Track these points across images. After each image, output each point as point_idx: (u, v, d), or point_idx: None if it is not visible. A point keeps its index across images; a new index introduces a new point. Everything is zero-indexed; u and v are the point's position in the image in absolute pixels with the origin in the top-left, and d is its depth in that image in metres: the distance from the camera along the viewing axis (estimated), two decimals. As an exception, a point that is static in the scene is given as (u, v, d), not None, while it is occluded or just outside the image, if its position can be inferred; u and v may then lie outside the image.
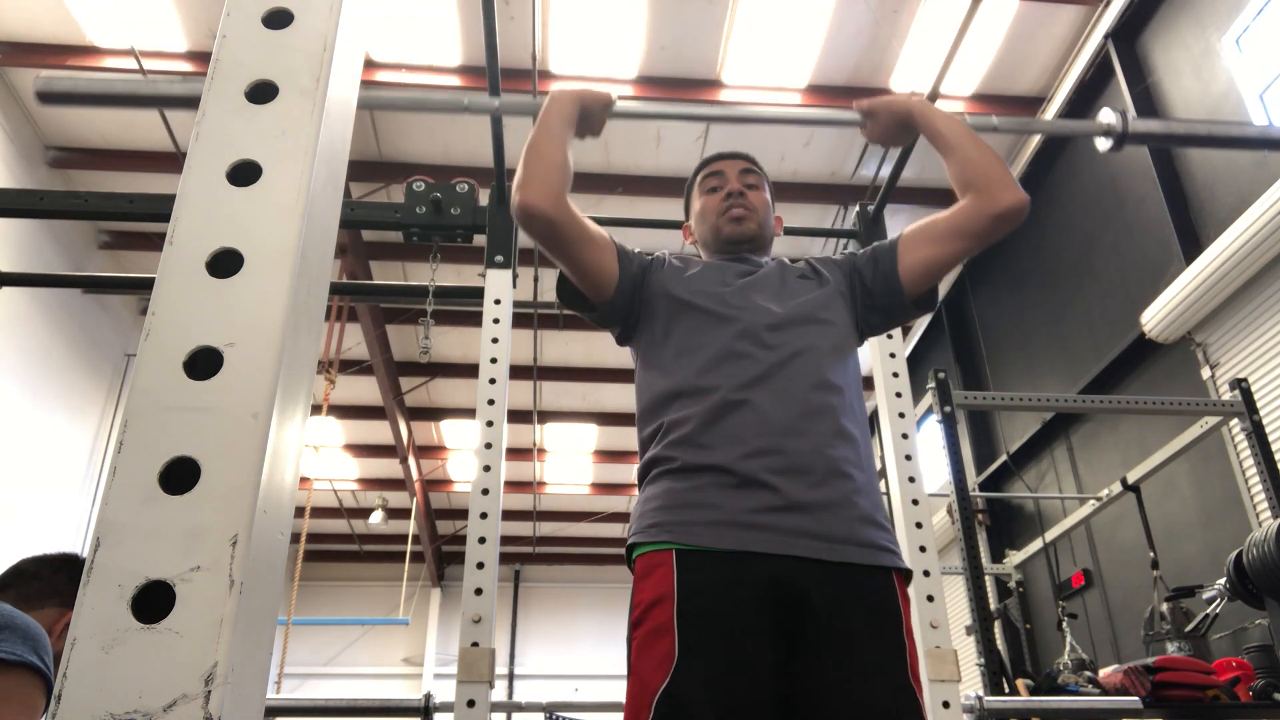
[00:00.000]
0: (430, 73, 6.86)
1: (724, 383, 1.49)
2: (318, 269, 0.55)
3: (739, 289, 1.64)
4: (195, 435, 0.46)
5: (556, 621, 14.82)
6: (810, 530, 1.35)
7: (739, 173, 1.82)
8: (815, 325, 1.59)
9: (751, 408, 1.45)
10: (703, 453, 1.43)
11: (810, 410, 1.46)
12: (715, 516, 1.37)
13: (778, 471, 1.38)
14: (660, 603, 1.31)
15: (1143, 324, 5.92)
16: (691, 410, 1.48)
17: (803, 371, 1.50)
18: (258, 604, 0.45)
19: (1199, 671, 3.15)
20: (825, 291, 1.68)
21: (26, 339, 7.53)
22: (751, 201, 1.79)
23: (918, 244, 1.67)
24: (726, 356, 1.52)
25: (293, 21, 0.58)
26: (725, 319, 1.58)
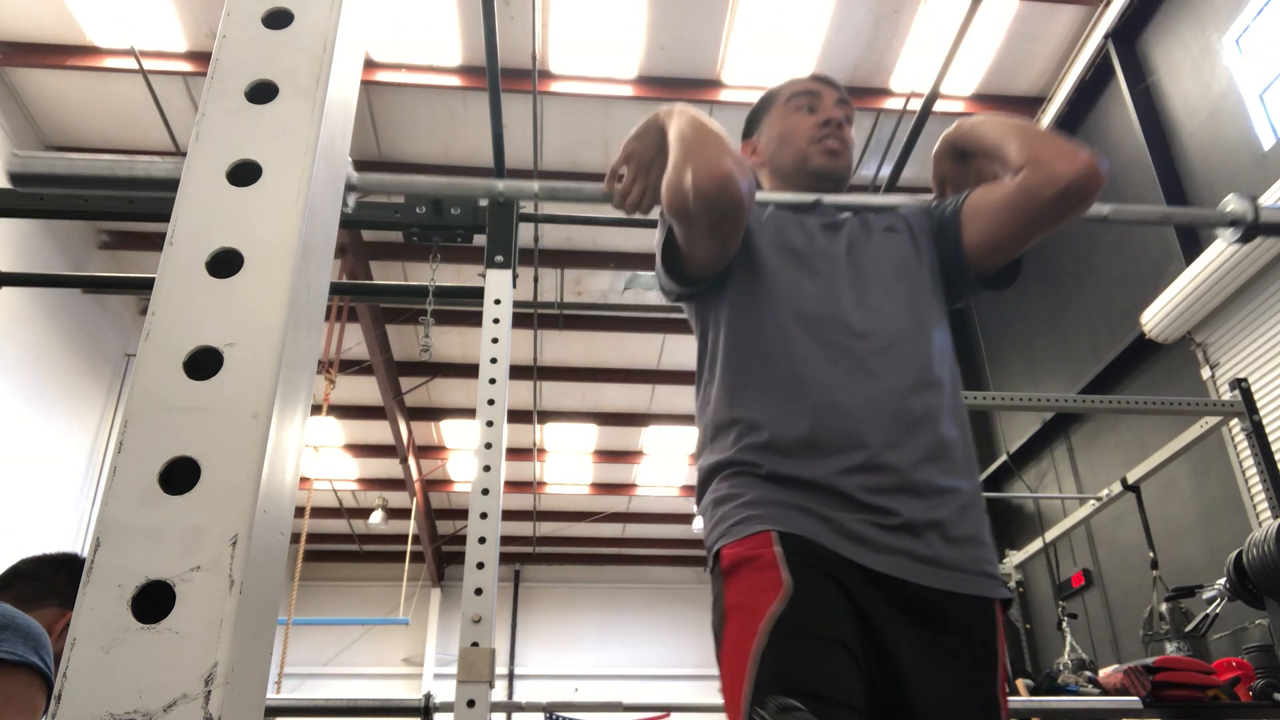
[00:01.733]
0: (430, 73, 6.87)
1: (810, 379, 1.31)
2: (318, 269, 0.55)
3: (824, 250, 1.42)
4: (195, 435, 0.46)
5: (556, 621, 14.82)
6: (916, 553, 1.21)
7: (835, 102, 1.58)
8: (911, 300, 1.39)
9: (845, 415, 1.28)
10: (790, 463, 1.27)
11: (912, 418, 1.29)
12: (814, 523, 1.22)
13: (877, 491, 1.24)
14: (759, 554, 1.19)
15: (1143, 324, 5.92)
16: (771, 410, 1.31)
17: (901, 366, 1.32)
18: (258, 604, 0.45)
19: (1199, 671, 3.15)
20: (919, 255, 1.45)
21: (26, 339, 7.54)
22: (847, 136, 1.57)
23: (977, 216, 1.42)
24: (813, 340, 1.33)
25: (293, 21, 0.58)
26: (812, 289, 1.38)
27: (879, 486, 1.24)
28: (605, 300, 9.32)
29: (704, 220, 1.29)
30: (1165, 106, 6.18)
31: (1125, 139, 6.51)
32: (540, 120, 6.84)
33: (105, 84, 6.89)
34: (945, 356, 1.39)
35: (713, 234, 1.32)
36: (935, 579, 1.22)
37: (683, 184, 1.25)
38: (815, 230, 1.46)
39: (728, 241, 1.35)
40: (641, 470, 12.74)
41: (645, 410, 11.34)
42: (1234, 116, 5.52)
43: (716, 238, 1.33)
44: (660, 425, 11.48)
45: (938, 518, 1.24)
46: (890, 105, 7.13)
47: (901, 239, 1.47)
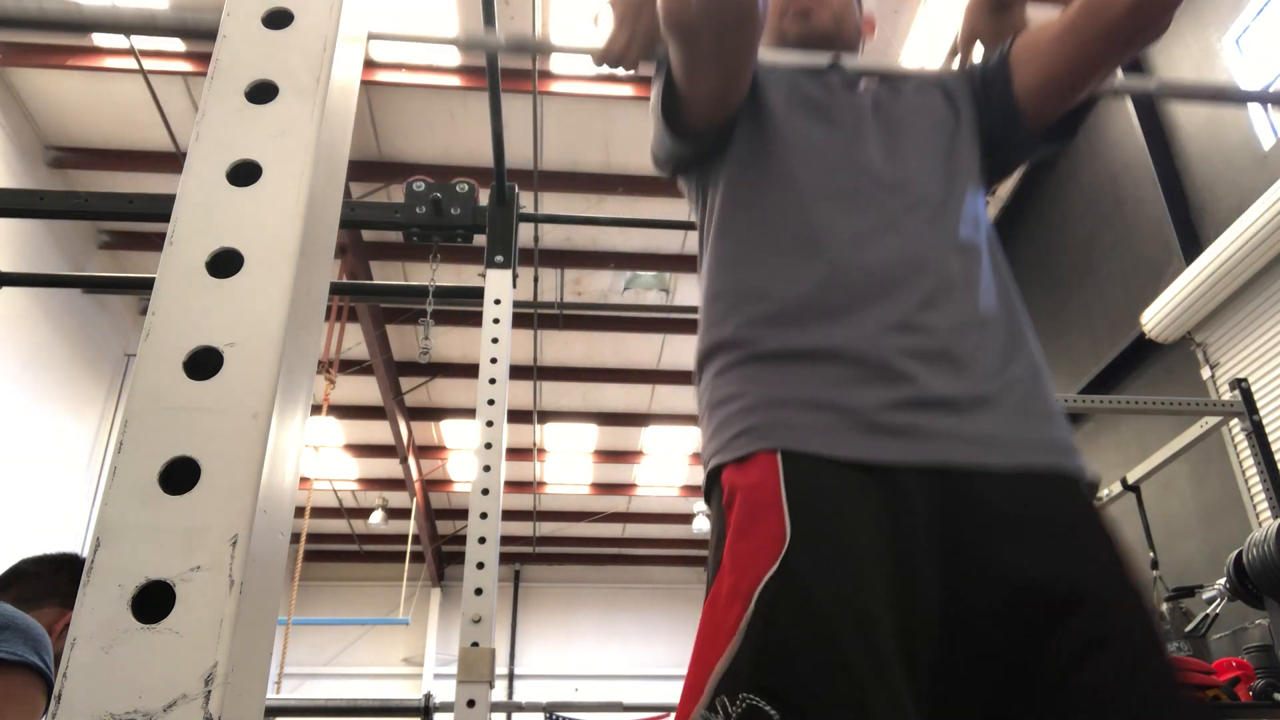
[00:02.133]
0: (430, 72, 6.87)
1: (828, 232, 1.08)
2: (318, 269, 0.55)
3: (846, 103, 1.22)
4: (195, 435, 0.46)
5: (556, 621, 14.83)
6: (968, 432, 0.96)
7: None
8: (948, 159, 1.19)
9: (869, 271, 1.04)
10: (802, 333, 1.02)
11: (950, 280, 1.05)
12: (830, 420, 0.95)
13: (918, 355, 0.98)
14: (760, 486, 0.93)
15: (1143, 324, 5.92)
16: (780, 271, 1.07)
17: (936, 225, 1.11)
18: (258, 604, 0.45)
19: (1199, 671, 3.15)
20: (956, 115, 1.24)
21: (26, 339, 7.54)
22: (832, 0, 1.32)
23: (1029, 56, 1.20)
24: (836, 195, 1.11)
25: (293, 21, 0.58)
26: (832, 138, 1.17)
27: (914, 349, 0.99)
28: (605, 300, 9.32)
29: (709, 32, 1.07)
30: (1165, 107, 6.18)
31: (1125, 139, 6.50)
32: (540, 120, 6.84)
33: (105, 84, 6.89)
34: (985, 227, 1.18)
35: (719, 55, 1.10)
36: (994, 454, 0.95)
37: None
38: (836, 85, 1.25)
39: (735, 71, 1.14)
40: (641, 470, 12.74)
41: (645, 410, 11.34)
42: (1234, 116, 5.52)
43: (722, 62, 1.11)
44: (660, 425, 11.48)
45: (985, 391, 0.99)
46: (890, 105, 7.13)
47: (935, 98, 1.26)
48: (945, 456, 0.94)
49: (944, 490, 0.93)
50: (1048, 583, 0.88)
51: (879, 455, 0.93)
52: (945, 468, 0.94)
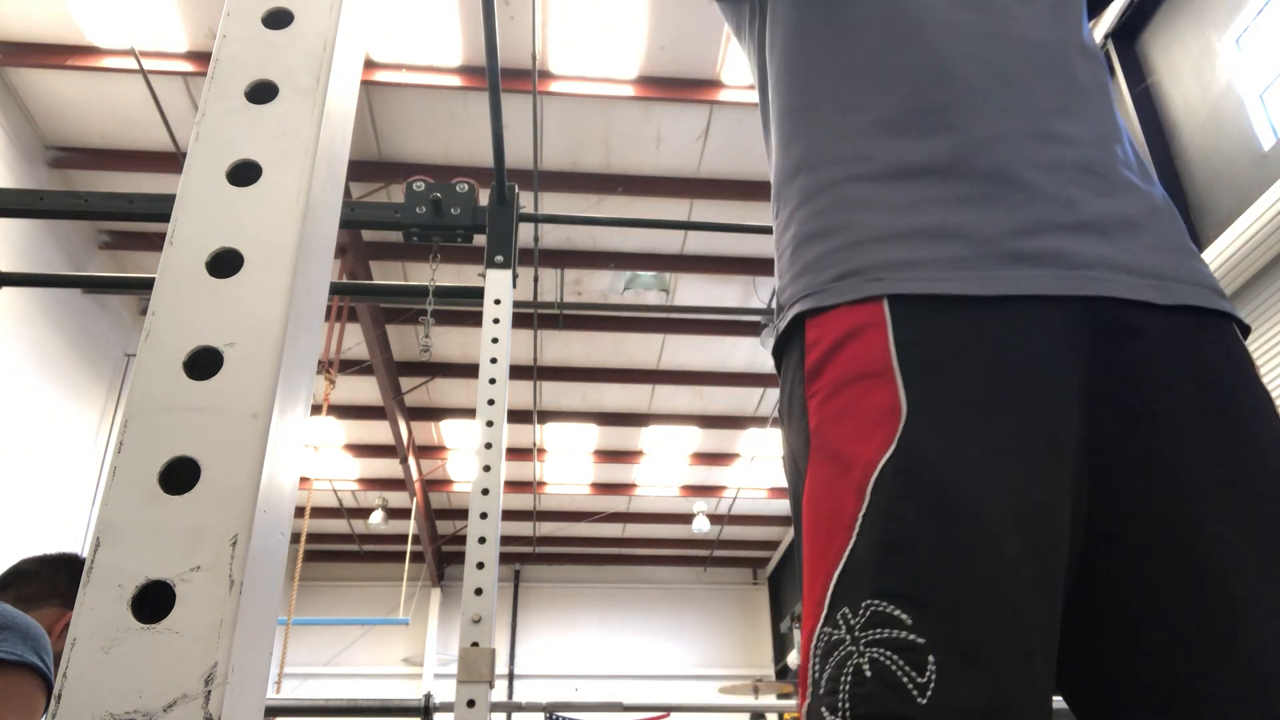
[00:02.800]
0: (430, 73, 6.87)
1: (930, 26, 0.86)
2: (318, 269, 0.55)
3: None
4: (195, 435, 0.46)
5: (556, 621, 14.83)
6: (1117, 260, 0.77)
7: None
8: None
9: (989, 67, 0.84)
10: (918, 143, 0.81)
11: (1081, 87, 0.86)
12: (956, 250, 0.76)
13: (1054, 167, 0.80)
14: (864, 350, 0.74)
15: (1143, 324, 5.93)
16: (872, 78, 0.86)
17: (1058, 23, 0.89)
18: (258, 604, 0.45)
19: (1199, 671, 3.15)
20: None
21: (27, 339, 7.54)
22: None
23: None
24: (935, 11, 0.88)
25: (293, 21, 0.58)
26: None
27: (1053, 161, 0.80)
28: (605, 300, 9.32)
29: None
30: (1165, 106, 6.18)
31: (1125, 139, 6.51)
32: (540, 120, 6.84)
33: (105, 84, 6.89)
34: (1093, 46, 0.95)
35: None
36: (1154, 292, 0.77)
37: None
38: None
39: None
40: (641, 470, 12.74)
41: (645, 410, 11.34)
42: (1234, 116, 5.52)
43: None
44: (660, 425, 11.48)
45: (1132, 214, 0.81)
46: (890, 105, 7.13)
47: None
48: (1107, 290, 0.76)
49: (1104, 332, 0.76)
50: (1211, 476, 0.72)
51: (1020, 288, 0.74)
52: (1105, 301, 0.76)
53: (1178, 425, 0.73)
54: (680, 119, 7.36)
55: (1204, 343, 0.78)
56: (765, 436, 11.51)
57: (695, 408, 11.31)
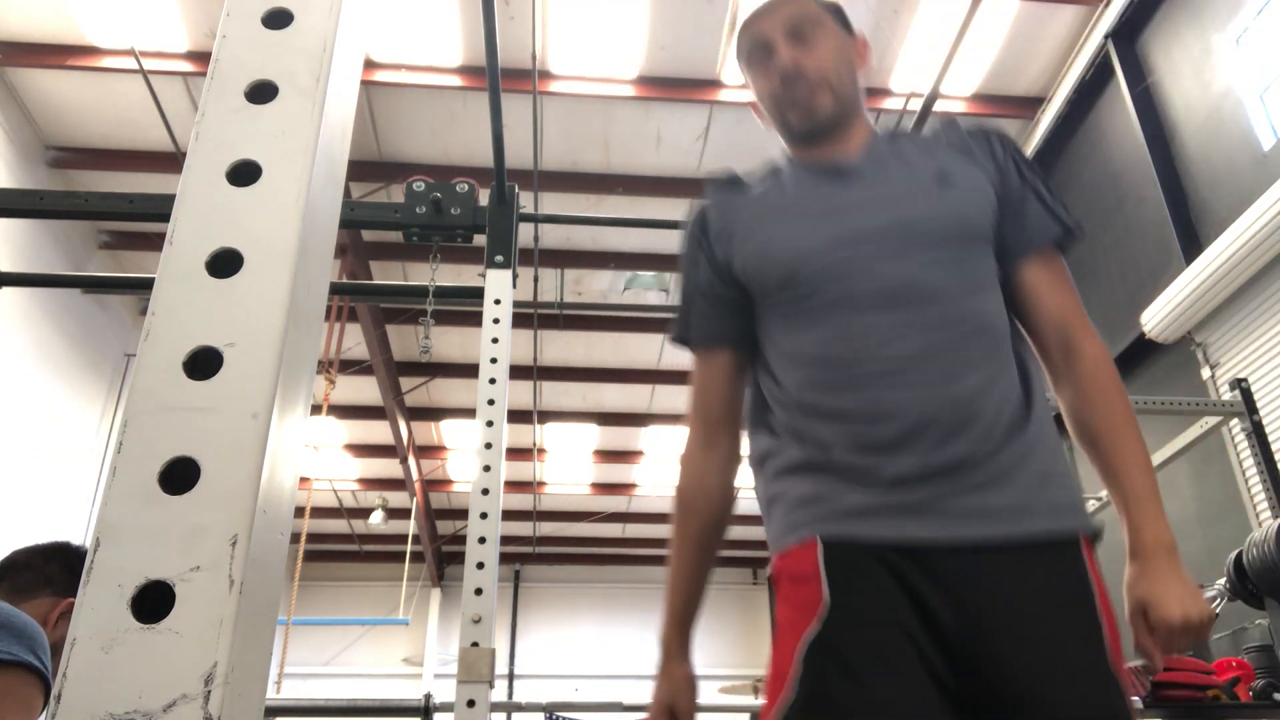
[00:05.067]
0: (430, 73, 6.87)
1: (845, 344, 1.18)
2: (318, 269, 0.55)
3: (826, 212, 1.24)
4: (195, 435, 0.46)
5: (556, 621, 14.83)
6: (969, 506, 1.07)
7: (785, 34, 1.32)
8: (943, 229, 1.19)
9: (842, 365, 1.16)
10: (817, 445, 1.15)
11: (930, 347, 1.13)
12: (845, 509, 1.11)
13: (907, 445, 1.11)
14: (803, 567, 1.10)
15: (1143, 324, 5.92)
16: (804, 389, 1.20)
17: (929, 315, 1.15)
18: (258, 604, 0.45)
19: (1199, 671, 3.15)
20: (970, 170, 1.25)
21: (27, 339, 7.54)
22: (811, 69, 1.30)
23: (1022, 281, 1.26)
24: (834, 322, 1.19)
25: (293, 21, 0.58)
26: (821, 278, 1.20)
27: (854, 447, 1.12)
28: (605, 300, 9.32)
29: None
30: (1165, 106, 6.18)
31: (1125, 139, 6.50)
32: (540, 120, 6.84)
33: (105, 84, 6.89)
34: (990, 294, 1.28)
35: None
36: (994, 526, 1.05)
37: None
38: (822, 183, 1.37)
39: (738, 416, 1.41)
40: (641, 470, 12.74)
41: (645, 410, 11.34)
42: (1234, 116, 5.52)
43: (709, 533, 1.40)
44: (660, 425, 11.48)
45: (983, 470, 1.08)
46: (890, 105, 7.13)
47: (946, 156, 1.36)
48: (914, 534, 1.07)
49: (937, 561, 1.07)
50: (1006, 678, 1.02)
51: (892, 535, 1.08)
52: (934, 543, 1.07)
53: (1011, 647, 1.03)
54: (680, 119, 7.36)
55: (1024, 570, 1.06)
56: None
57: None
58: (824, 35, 1.36)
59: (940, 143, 1.31)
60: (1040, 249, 1.24)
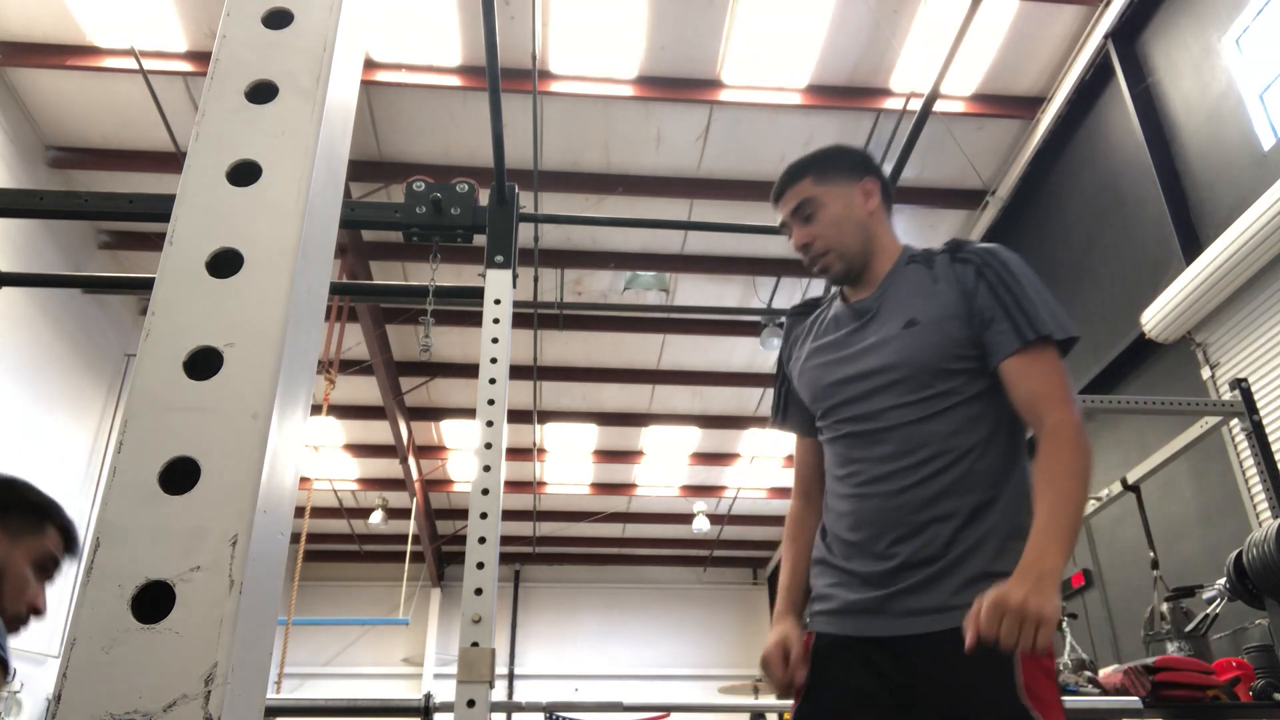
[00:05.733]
0: (430, 73, 6.87)
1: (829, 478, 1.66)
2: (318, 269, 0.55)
3: (839, 355, 1.63)
4: (195, 435, 0.46)
5: (556, 621, 14.82)
6: (896, 608, 1.46)
7: (791, 214, 1.68)
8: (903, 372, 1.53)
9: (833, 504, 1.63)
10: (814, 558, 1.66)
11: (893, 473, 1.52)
12: (821, 610, 1.58)
13: (844, 556, 1.56)
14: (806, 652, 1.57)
15: (1143, 324, 5.92)
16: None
17: (890, 443, 1.52)
18: (258, 604, 0.45)
19: (1199, 671, 3.15)
20: (938, 306, 1.55)
21: (26, 339, 7.53)
22: (818, 244, 1.64)
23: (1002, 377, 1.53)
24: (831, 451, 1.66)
25: (293, 21, 0.58)
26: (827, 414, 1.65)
27: (843, 552, 1.55)
28: (605, 300, 9.32)
29: None
30: (1165, 106, 6.18)
31: (1125, 139, 6.50)
32: (540, 120, 6.84)
33: (105, 84, 6.89)
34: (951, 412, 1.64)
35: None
36: (914, 626, 1.43)
37: None
38: (845, 328, 1.77)
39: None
40: (641, 470, 12.74)
41: (645, 410, 11.34)
42: (1234, 116, 5.51)
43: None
44: (660, 425, 11.48)
45: (907, 582, 1.46)
46: (890, 105, 7.13)
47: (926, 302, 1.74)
48: (879, 630, 1.46)
49: (889, 645, 1.46)
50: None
51: (850, 632, 1.50)
52: (882, 637, 1.46)
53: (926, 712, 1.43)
54: (680, 119, 7.36)
55: (941, 658, 1.39)
56: (765, 436, 11.50)
57: (695, 408, 11.31)
58: (825, 209, 1.65)
59: (930, 274, 1.59)
60: (1010, 354, 1.48)
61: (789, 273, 8.82)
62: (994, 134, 7.60)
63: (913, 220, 8.55)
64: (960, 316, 1.51)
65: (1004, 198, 7.98)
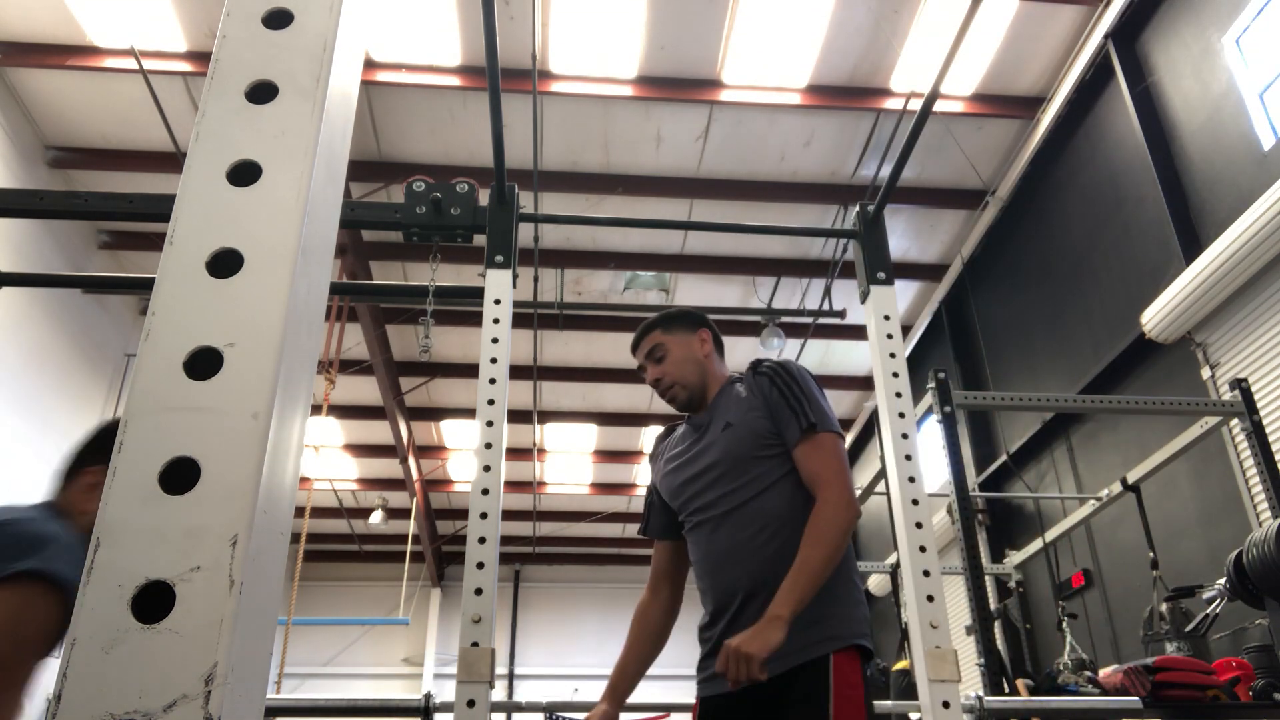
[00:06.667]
0: (430, 73, 6.87)
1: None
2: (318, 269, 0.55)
3: (684, 462, 2.02)
4: (195, 435, 0.46)
5: (556, 621, 14.82)
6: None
7: (646, 357, 2.11)
8: (725, 463, 1.92)
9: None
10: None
11: (732, 547, 1.87)
12: (700, 676, 1.94)
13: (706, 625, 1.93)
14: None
15: (1143, 324, 5.92)
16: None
17: (729, 524, 1.88)
18: (258, 604, 0.45)
19: (1199, 671, 3.15)
20: (745, 410, 1.97)
21: (27, 339, 7.54)
22: (668, 378, 2.06)
23: (794, 458, 1.92)
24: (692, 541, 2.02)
25: (293, 21, 0.58)
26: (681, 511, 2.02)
27: (708, 623, 1.93)
28: (605, 300, 9.32)
29: None
30: (1165, 106, 6.18)
31: (1125, 139, 6.50)
32: (540, 120, 6.84)
33: (105, 84, 6.89)
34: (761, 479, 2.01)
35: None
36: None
37: None
38: (687, 444, 2.19)
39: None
40: (642, 470, 12.74)
41: (645, 410, 11.34)
42: (1234, 116, 5.51)
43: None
44: (660, 425, 11.46)
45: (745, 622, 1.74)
46: (890, 105, 7.13)
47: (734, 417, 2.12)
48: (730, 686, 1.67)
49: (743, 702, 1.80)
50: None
51: (720, 691, 1.81)
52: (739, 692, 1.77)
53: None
54: (680, 119, 7.36)
55: (790, 682, 1.73)
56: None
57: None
58: (670, 354, 2.08)
59: (740, 389, 2.01)
60: (796, 441, 1.88)
61: (789, 273, 8.83)
62: (994, 134, 7.60)
63: (913, 220, 8.55)
64: (760, 411, 1.92)
65: (1004, 198, 7.98)
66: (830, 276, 8.53)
